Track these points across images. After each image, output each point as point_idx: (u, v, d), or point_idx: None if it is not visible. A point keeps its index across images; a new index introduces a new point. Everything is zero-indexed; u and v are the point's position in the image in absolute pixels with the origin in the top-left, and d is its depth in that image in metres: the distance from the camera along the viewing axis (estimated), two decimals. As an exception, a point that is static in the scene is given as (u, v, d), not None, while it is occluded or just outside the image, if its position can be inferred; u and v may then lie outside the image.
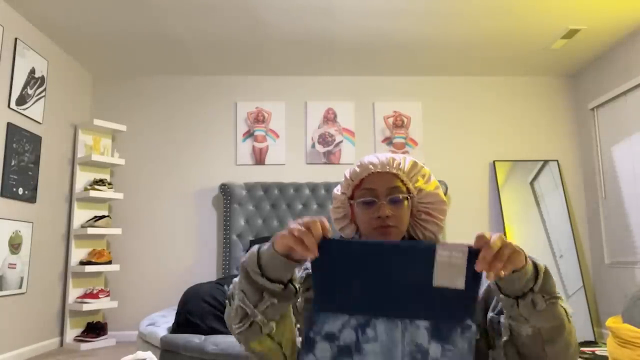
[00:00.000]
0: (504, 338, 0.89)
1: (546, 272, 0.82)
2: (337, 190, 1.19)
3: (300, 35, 3.96)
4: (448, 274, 0.76)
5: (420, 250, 0.78)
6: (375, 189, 1.09)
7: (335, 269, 0.79)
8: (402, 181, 1.10)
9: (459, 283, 0.76)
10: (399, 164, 1.11)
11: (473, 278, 0.76)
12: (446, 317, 0.78)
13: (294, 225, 0.78)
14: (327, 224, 0.78)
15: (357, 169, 1.13)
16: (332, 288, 0.80)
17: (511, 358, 0.89)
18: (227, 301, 0.91)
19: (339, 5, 3.50)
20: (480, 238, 0.75)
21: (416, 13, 3.61)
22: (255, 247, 0.84)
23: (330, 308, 0.79)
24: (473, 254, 0.76)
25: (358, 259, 0.79)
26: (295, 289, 0.85)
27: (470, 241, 0.79)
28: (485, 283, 0.99)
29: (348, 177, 1.15)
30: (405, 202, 1.08)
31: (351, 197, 1.14)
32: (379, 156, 1.12)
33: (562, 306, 0.84)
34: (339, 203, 1.17)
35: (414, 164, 1.13)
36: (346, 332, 0.78)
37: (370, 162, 1.11)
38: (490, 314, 0.96)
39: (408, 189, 1.11)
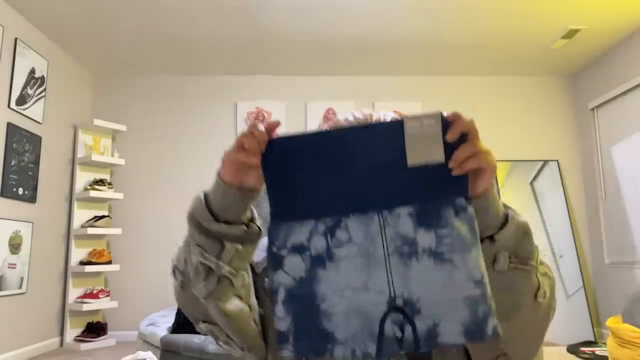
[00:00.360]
0: None
1: (526, 230, 0.68)
2: None
3: (300, 35, 3.96)
4: (423, 148, 0.64)
5: (385, 128, 0.65)
6: None
7: (290, 170, 0.67)
8: None
9: (437, 155, 0.64)
10: (378, 117, 0.93)
11: (454, 145, 0.64)
12: (431, 197, 0.65)
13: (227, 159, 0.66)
14: (276, 123, 0.66)
15: (332, 125, 0.94)
16: (290, 193, 0.67)
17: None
18: (172, 275, 0.76)
19: (339, 6, 3.50)
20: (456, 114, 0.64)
21: (416, 13, 3.61)
22: (199, 192, 0.70)
23: (292, 216, 0.67)
24: (448, 123, 0.64)
25: (315, 154, 0.66)
26: (259, 227, 0.73)
27: None
28: None
29: None
30: None
31: None
32: (355, 114, 0.93)
33: (537, 279, 0.68)
34: None
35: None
36: (316, 239, 0.65)
37: (345, 120, 0.93)
38: None
39: None
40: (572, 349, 3.72)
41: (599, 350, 3.62)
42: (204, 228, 0.68)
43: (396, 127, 0.65)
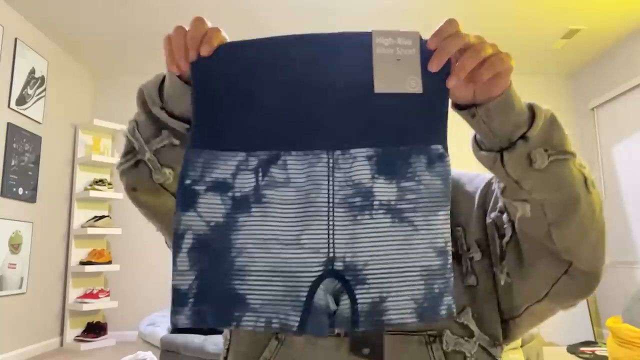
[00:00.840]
0: (505, 239, 0.62)
1: (552, 118, 0.57)
2: None
3: (300, 35, 3.96)
4: (394, 72, 0.50)
5: (349, 42, 0.51)
6: None
7: (223, 85, 0.53)
8: None
9: (412, 84, 0.50)
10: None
11: (435, 77, 0.50)
12: (399, 139, 0.51)
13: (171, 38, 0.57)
14: (216, 28, 0.56)
15: None
16: (219, 113, 0.53)
17: (511, 266, 0.63)
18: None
19: (338, 5, 3.50)
20: (442, 27, 0.51)
21: (415, 13, 3.61)
22: (162, 73, 0.61)
23: (217, 144, 0.53)
24: (427, 45, 0.51)
25: (258, 67, 0.52)
26: None
27: None
28: (482, 180, 0.70)
29: None
30: None
31: None
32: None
33: (577, 169, 0.56)
34: None
35: None
36: (243, 177, 0.52)
37: None
38: (491, 216, 0.65)
39: None
40: (572, 349, 3.73)
41: (599, 350, 3.62)
42: (147, 107, 0.60)
43: (364, 41, 0.51)
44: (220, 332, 2.24)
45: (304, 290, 0.49)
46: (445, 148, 0.52)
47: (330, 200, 0.50)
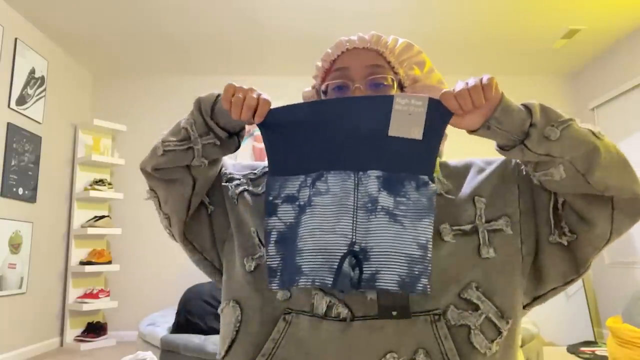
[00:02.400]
0: (560, 200, 0.76)
1: (542, 105, 0.72)
2: (308, 88, 0.97)
3: (299, 35, 3.96)
4: (405, 123, 0.71)
5: (377, 101, 0.73)
6: (348, 67, 0.84)
7: (286, 134, 0.77)
8: (388, 63, 0.85)
9: (416, 133, 0.72)
10: (386, 40, 0.86)
11: (433, 130, 0.72)
12: (399, 168, 0.73)
13: (235, 90, 0.76)
14: (265, 99, 0.75)
15: (329, 50, 0.89)
16: (285, 153, 0.78)
17: (573, 224, 0.75)
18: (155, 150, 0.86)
19: (338, 5, 3.50)
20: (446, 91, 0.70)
21: (415, 12, 3.61)
22: (216, 91, 0.82)
23: (286, 172, 0.78)
24: (435, 104, 0.71)
25: (308, 120, 0.76)
26: (239, 142, 0.84)
27: None
28: (498, 161, 0.85)
29: (319, 64, 0.91)
30: (392, 91, 0.83)
31: (322, 84, 0.90)
32: (361, 33, 0.88)
33: (582, 127, 0.72)
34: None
35: (409, 45, 0.88)
36: (303, 191, 0.76)
37: (347, 38, 0.88)
38: (534, 188, 0.78)
39: (397, 76, 0.86)
40: (572, 349, 3.73)
41: (599, 350, 3.62)
42: (202, 114, 0.81)
43: (386, 101, 0.72)
44: (219, 332, 2.24)
45: (336, 262, 0.70)
46: (431, 178, 0.73)
47: (355, 204, 0.73)
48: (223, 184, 0.91)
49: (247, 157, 4.65)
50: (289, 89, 4.83)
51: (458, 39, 4.05)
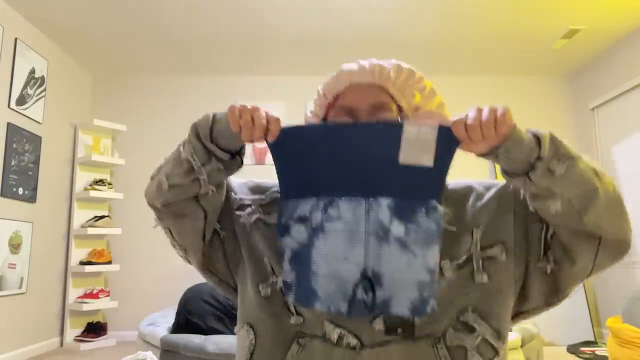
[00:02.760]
0: (550, 232, 0.78)
1: (552, 136, 0.71)
2: (309, 113, 0.96)
3: (300, 35, 3.96)
4: (415, 151, 0.72)
5: (387, 127, 0.73)
6: (353, 106, 0.84)
7: (298, 156, 0.77)
8: (392, 97, 0.86)
9: (426, 160, 0.72)
10: (388, 72, 0.85)
11: (443, 156, 0.72)
12: (409, 195, 0.74)
13: (240, 112, 0.75)
14: (275, 118, 0.75)
15: (331, 81, 0.88)
16: (297, 176, 0.78)
17: (558, 255, 0.78)
18: (153, 177, 0.86)
19: (338, 5, 3.50)
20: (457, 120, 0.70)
21: (415, 13, 3.61)
22: (211, 113, 0.81)
23: (297, 195, 0.79)
24: (444, 131, 0.71)
25: (319, 144, 0.75)
26: (242, 161, 0.83)
27: None
28: (497, 186, 0.86)
29: (321, 93, 0.91)
30: None
31: (325, 119, 0.91)
32: (362, 62, 0.86)
33: (586, 165, 0.72)
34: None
35: (410, 73, 0.87)
36: (315, 213, 0.77)
37: (349, 70, 0.86)
38: (529, 218, 0.80)
39: (400, 108, 0.86)
40: (572, 349, 3.73)
41: (599, 350, 3.62)
42: (200, 139, 0.79)
43: (395, 128, 0.72)
44: (220, 332, 2.24)
45: (349, 290, 0.74)
46: (439, 201, 0.74)
47: (366, 231, 0.74)
48: (235, 212, 0.91)
49: (247, 157, 4.66)
50: (288, 89, 4.83)
51: (458, 39, 4.05)
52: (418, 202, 0.74)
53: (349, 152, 0.75)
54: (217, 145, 0.79)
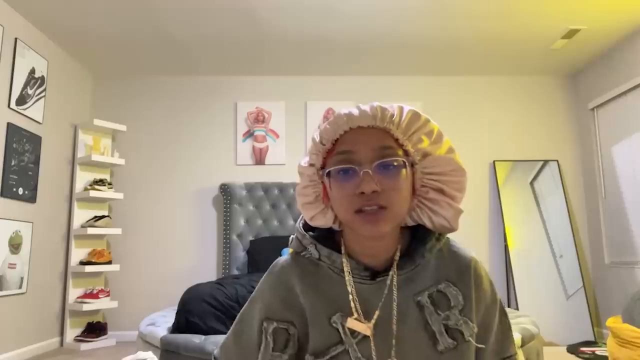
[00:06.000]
0: None
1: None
2: (304, 162, 0.81)
3: (300, 35, 3.96)
4: None
5: None
6: (355, 151, 0.74)
7: None
8: (396, 140, 0.76)
9: None
10: (392, 115, 0.75)
11: None
12: None
13: None
14: None
15: (329, 126, 0.76)
16: None
17: None
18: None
19: (338, 5, 3.50)
20: None
21: (416, 13, 3.61)
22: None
23: None
24: None
25: None
26: None
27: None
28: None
29: (317, 140, 0.78)
30: (403, 171, 0.74)
31: (322, 168, 0.79)
32: (362, 106, 0.76)
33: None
34: (306, 180, 0.81)
35: (415, 115, 0.76)
36: None
37: (348, 113, 0.75)
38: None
39: (406, 152, 0.76)
40: (572, 349, 3.72)
41: (599, 350, 3.62)
42: None
43: None
44: (220, 332, 2.24)
45: None
46: None
47: None
48: None
49: (247, 157, 4.66)
50: (288, 89, 4.83)
51: (458, 39, 4.05)
52: None
53: None
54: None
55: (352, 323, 0.74)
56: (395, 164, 0.73)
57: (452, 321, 0.75)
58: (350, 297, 0.75)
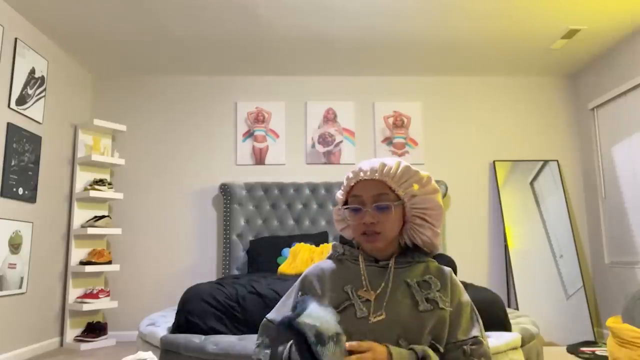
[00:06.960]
0: None
1: None
2: (340, 194, 1.24)
3: (300, 35, 3.96)
4: None
5: None
6: (361, 195, 1.14)
7: None
8: (390, 188, 1.13)
9: None
10: (390, 169, 1.13)
11: None
12: None
13: None
14: None
15: (350, 175, 1.18)
16: None
17: None
18: None
19: (338, 5, 3.50)
20: None
21: (416, 13, 3.61)
22: None
23: None
24: None
25: None
26: None
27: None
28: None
29: (344, 183, 1.21)
30: (393, 210, 1.11)
31: (345, 202, 1.20)
32: (372, 162, 1.15)
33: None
34: (339, 206, 1.24)
35: (406, 170, 1.13)
36: None
37: (360, 168, 1.16)
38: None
39: (398, 196, 1.14)
40: (572, 349, 3.73)
41: (599, 350, 3.62)
42: None
43: None
44: (220, 332, 2.24)
45: None
46: None
47: None
48: None
49: (247, 157, 4.66)
50: (289, 89, 4.83)
51: (457, 39, 4.05)
52: None
53: None
54: None
55: (362, 292, 1.09)
56: (387, 204, 1.11)
57: (431, 295, 1.08)
58: (362, 276, 1.13)
